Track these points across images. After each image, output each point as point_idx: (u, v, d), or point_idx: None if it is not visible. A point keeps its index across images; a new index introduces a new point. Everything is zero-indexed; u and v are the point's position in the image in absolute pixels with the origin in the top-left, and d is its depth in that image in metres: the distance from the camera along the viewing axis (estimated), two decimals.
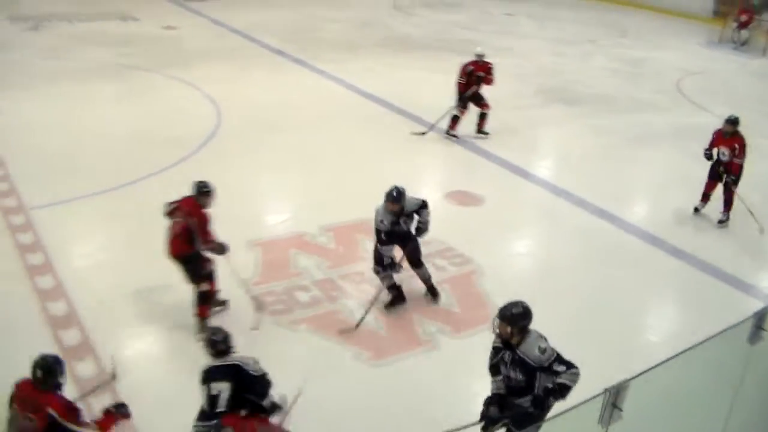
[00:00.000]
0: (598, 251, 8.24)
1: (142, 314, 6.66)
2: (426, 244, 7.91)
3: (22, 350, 5.76)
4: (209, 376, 4.44)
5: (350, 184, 9.42)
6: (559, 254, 8.17)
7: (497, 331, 4.39)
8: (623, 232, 8.72)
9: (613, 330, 6.78)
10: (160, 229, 6.32)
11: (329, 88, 13.90)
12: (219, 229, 7.96)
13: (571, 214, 9.12)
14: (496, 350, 4.53)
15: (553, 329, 4.63)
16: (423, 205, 6.65)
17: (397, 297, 6.89)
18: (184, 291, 6.42)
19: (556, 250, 8.27)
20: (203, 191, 6.15)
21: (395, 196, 6.44)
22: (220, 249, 6.19)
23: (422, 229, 6.70)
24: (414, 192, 6.80)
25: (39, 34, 16.62)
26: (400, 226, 6.56)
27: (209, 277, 6.21)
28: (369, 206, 6.72)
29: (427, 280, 7.04)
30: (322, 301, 6.95)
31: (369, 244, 7.23)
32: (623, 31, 21.57)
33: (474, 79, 11.03)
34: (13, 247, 7.54)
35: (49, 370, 4.04)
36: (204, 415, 4.41)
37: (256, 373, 4.43)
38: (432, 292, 7.08)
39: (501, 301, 4.56)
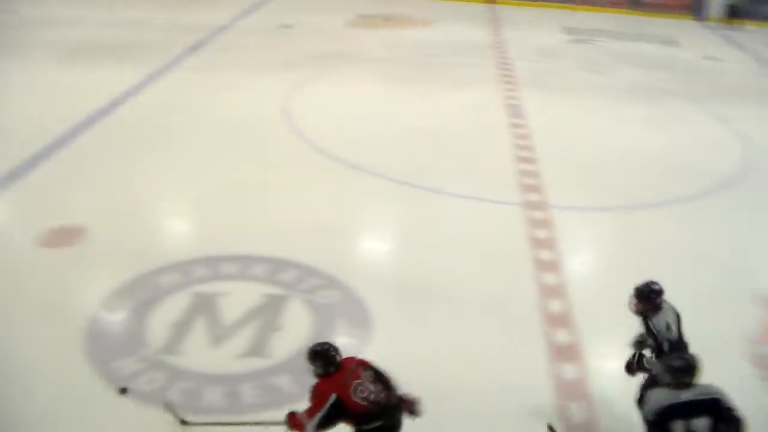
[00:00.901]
0: None
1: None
2: None
3: (516, 337, 6.40)
4: (684, 412, 4.00)
5: None
6: None
7: None
8: None
9: None
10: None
11: None
12: (712, 277, 7.52)
13: None
14: None
15: None
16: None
17: None
18: None
19: None
20: None
21: (641, 291, 4.87)
22: None
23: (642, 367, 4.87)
24: None
25: (582, 47, 17.79)
26: (644, 342, 4.92)
27: None
28: None
29: None
30: None
31: None
32: None
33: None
34: (528, 239, 8.21)
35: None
36: None
37: (732, 409, 4.02)
38: None
39: None
